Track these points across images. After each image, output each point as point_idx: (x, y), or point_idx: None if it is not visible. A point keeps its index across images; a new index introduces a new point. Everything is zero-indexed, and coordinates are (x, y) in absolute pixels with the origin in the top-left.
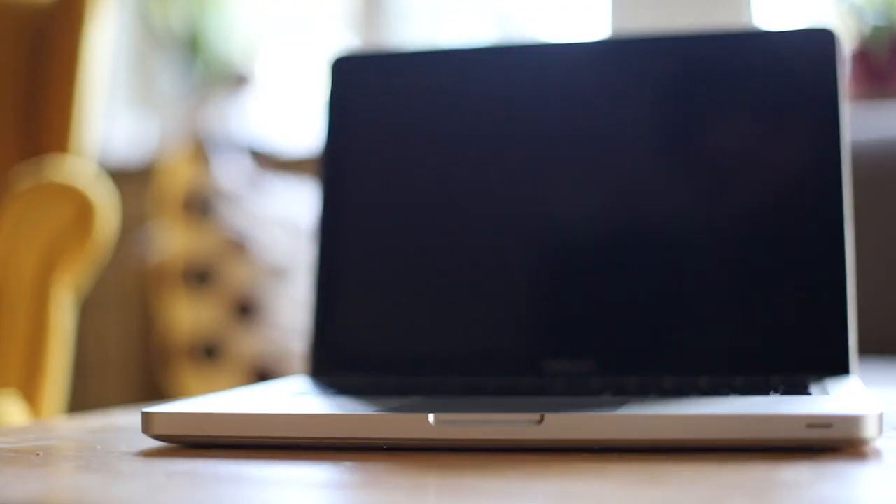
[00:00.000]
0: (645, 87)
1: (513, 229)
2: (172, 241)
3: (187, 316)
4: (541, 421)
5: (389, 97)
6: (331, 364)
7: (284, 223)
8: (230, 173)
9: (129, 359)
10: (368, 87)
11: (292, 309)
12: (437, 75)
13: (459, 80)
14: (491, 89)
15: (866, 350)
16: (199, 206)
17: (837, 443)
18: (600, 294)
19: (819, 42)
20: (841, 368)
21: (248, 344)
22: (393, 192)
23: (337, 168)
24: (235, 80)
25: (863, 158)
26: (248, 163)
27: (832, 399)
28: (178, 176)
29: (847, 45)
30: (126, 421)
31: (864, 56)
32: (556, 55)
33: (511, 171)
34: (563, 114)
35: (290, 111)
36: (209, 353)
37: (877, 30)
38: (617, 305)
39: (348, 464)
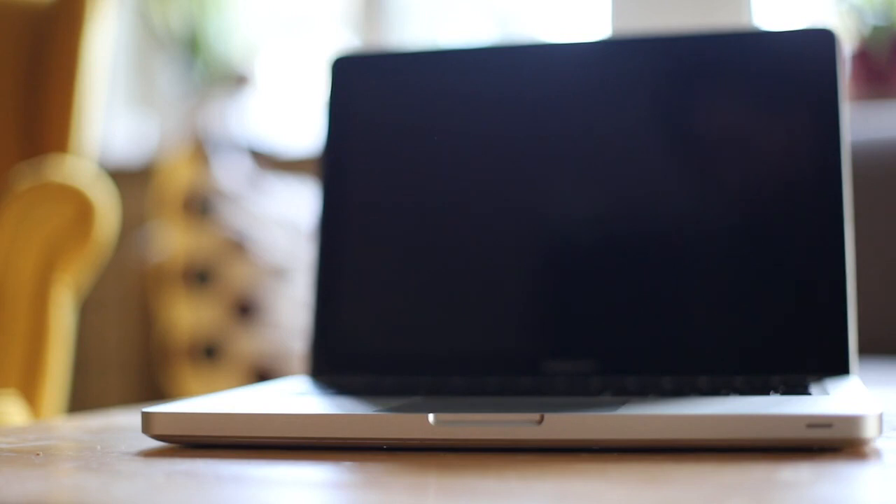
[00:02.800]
0: (645, 88)
1: (513, 229)
2: (172, 241)
3: (187, 316)
4: (541, 421)
5: (389, 97)
6: (331, 364)
7: (284, 223)
8: (230, 173)
9: (129, 359)
10: (368, 87)
11: (292, 309)
12: (437, 75)
13: (459, 80)
14: (491, 89)
15: (866, 350)
16: (199, 206)
17: (837, 443)
18: (600, 294)
19: (819, 42)
20: (841, 368)
21: (248, 344)
22: (393, 192)
23: (337, 168)
24: (235, 80)
25: (863, 158)
26: (248, 163)
27: (832, 399)
28: (178, 176)
29: (847, 45)
30: (126, 421)
31: (864, 56)
32: (556, 55)
33: (511, 171)
34: (562, 114)
35: (290, 111)
36: (209, 353)
37: (877, 30)
38: (617, 305)
39: (348, 464)
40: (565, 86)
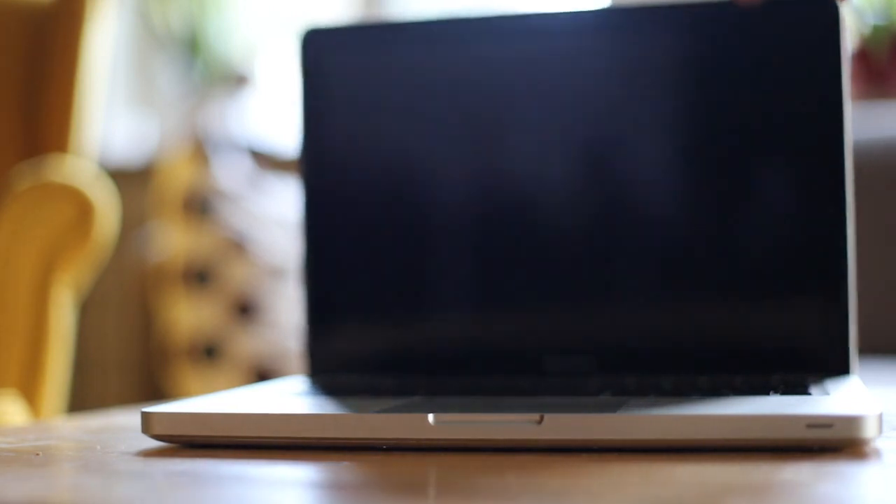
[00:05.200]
0: (641, 61)
1: (510, 226)
2: (172, 241)
3: (187, 316)
4: (541, 421)
5: (365, 72)
6: (330, 364)
7: (284, 223)
8: (230, 173)
9: (129, 359)
10: (343, 62)
11: (292, 309)
12: (416, 48)
13: (439, 52)
14: (473, 62)
15: (866, 350)
16: (199, 206)
17: (837, 443)
18: (600, 293)
19: (821, 12)
20: (841, 368)
21: (248, 344)
22: (381, 182)
23: (319, 159)
24: (235, 80)
25: (863, 158)
26: (248, 163)
27: (832, 399)
28: (178, 176)
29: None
30: (126, 421)
31: (864, 56)
32: (545, 26)
33: (506, 157)
34: (555, 89)
35: (290, 111)
36: (209, 353)
37: (877, 30)
38: (617, 305)
39: (348, 464)
40: (556, 58)
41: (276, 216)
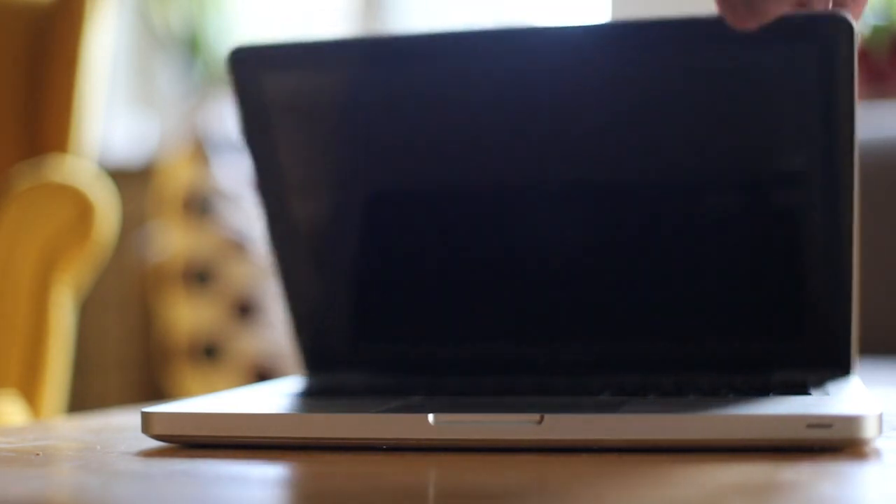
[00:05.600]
0: (642, 77)
1: (507, 226)
2: (172, 241)
3: (187, 316)
4: (541, 421)
5: (296, 90)
6: (328, 364)
7: None
8: (230, 173)
9: (129, 359)
10: (272, 80)
11: None
12: (344, 66)
13: (370, 70)
14: (407, 81)
15: (866, 350)
16: (199, 206)
17: (837, 443)
18: (600, 292)
19: (833, 29)
20: (841, 368)
21: (248, 344)
22: (355, 188)
23: (273, 174)
24: None
25: (862, 158)
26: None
27: (832, 399)
28: (178, 176)
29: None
30: (126, 421)
31: (864, 56)
32: (542, 39)
33: (495, 161)
34: (548, 105)
35: None
36: (209, 353)
37: (877, 30)
38: (617, 305)
39: (347, 464)
40: (549, 75)
41: None
